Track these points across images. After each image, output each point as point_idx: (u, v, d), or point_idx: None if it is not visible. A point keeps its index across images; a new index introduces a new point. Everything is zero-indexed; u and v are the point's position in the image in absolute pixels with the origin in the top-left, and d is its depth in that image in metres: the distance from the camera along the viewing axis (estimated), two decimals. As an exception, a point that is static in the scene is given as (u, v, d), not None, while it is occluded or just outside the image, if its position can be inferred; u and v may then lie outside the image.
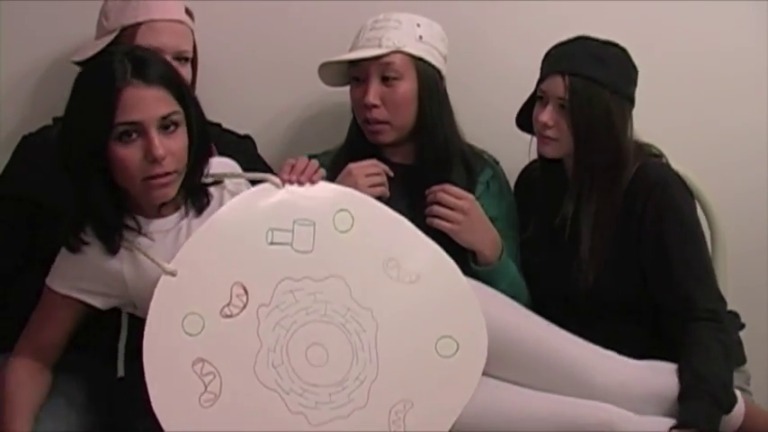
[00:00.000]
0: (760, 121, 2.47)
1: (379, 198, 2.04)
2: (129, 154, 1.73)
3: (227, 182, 1.92)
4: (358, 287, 1.84)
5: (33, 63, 2.39)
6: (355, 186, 2.02)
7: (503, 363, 1.92)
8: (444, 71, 2.21)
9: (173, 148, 1.75)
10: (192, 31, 2.22)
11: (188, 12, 2.22)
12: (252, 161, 2.27)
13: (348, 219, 1.87)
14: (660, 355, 2.01)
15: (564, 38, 2.13)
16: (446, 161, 2.18)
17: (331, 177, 2.16)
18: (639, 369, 1.98)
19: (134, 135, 1.72)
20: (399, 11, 2.20)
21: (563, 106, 2.07)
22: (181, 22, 2.18)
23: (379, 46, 2.14)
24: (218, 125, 2.31)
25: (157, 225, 1.86)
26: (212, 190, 1.91)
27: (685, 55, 2.39)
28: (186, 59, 2.18)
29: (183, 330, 1.77)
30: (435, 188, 2.11)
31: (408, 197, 2.16)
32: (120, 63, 1.72)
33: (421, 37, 2.16)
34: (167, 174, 1.75)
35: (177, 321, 1.77)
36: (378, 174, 2.11)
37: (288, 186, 1.88)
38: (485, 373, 1.86)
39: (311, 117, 2.48)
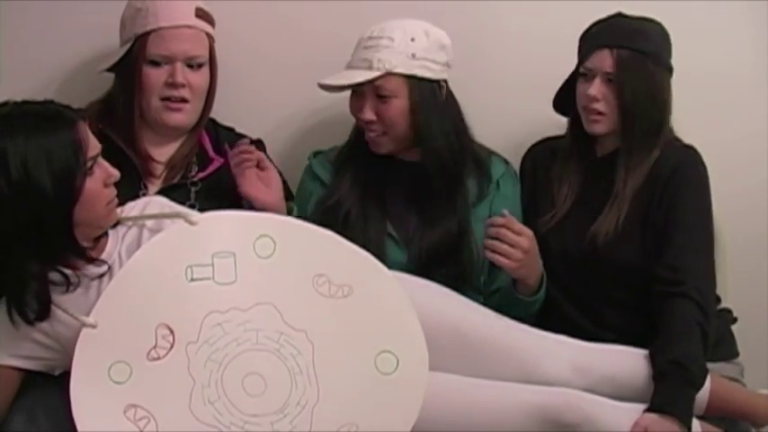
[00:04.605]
0: (760, 121, 2.47)
1: None
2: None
3: (147, 221, 1.87)
4: (289, 310, 1.78)
5: (35, 70, 2.38)
6: None
7: (443, 351, 1.86)
8: (446, 76, 2.18)
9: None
10: (209, 34, 2.19)
11: (203, 15, 2.18)
12: None
13: (269, 243, 1.82)
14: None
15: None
16: (453, 163, 2.16)
17: (333, 174, 2.20)
18: (591, 351, 1.94)
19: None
20: (408, 14, 2.18)
21: (610, 80, 2.10)
22: (190, 26, 2.15)
23: (370, 68, 2.12)
24: (232, 129, 2.30)
25: (90, 271, 1.81)
26: (133, 230, 1.87)
27: (685, 57, 2.34)
28: (200, 64, 2.16)
29: (111, 380, 1.71)
30: (498, 221, 2.01)
31: (410, 193, 2.18)
32: None
33: (414, 54, 2.12)
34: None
35: (103, 372, 1.71)
36: None
37: (202, 222, 1.83)
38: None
39: (319, 120, 2.45)
